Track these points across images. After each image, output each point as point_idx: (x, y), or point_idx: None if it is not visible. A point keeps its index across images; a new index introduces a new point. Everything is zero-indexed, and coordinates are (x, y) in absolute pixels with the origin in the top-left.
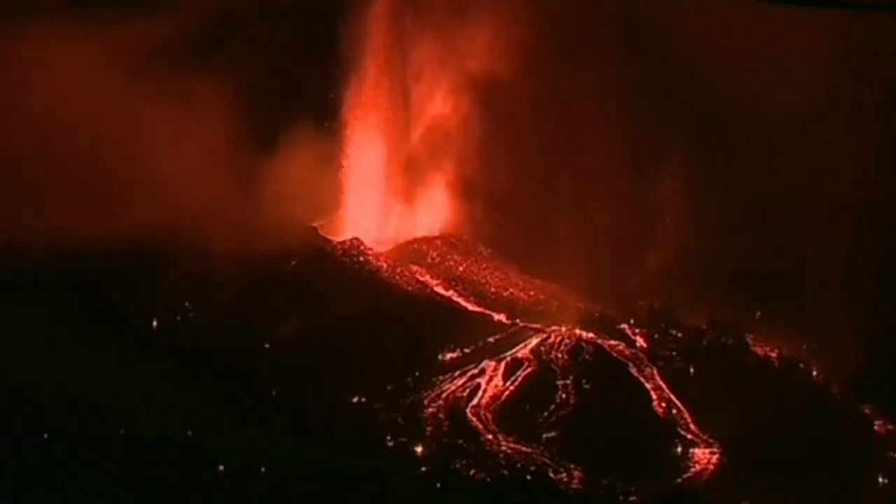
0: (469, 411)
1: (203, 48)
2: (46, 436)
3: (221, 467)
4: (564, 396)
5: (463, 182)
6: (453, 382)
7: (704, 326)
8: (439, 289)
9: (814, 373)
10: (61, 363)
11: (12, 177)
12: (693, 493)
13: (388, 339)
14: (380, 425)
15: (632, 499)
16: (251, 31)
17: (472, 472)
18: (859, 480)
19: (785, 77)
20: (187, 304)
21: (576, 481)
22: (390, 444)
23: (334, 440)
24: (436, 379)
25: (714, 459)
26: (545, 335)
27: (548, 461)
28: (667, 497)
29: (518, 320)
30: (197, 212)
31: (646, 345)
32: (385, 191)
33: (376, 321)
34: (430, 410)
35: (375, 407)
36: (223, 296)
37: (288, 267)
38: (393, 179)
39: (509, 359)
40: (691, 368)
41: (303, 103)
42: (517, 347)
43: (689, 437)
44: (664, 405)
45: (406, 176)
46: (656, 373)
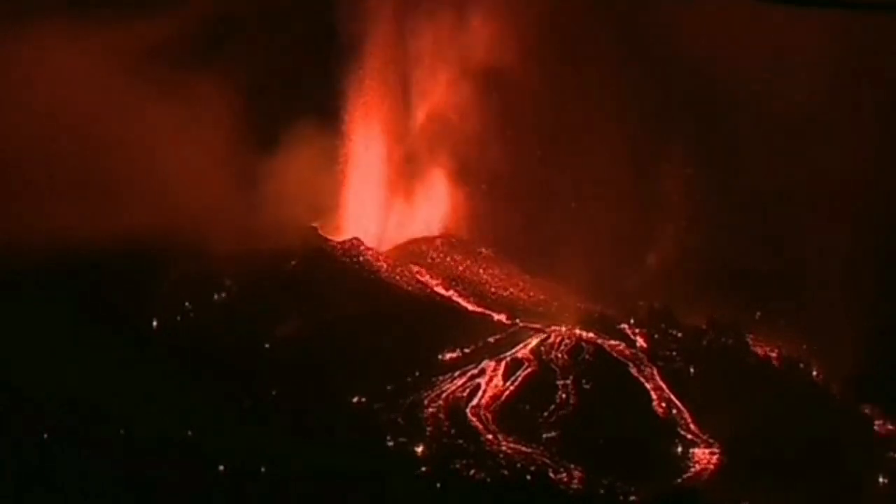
0: (469, 411)
1: (203, 48)
2: (46, 436)
3: (221, 467)
4: (564, 396)
5: (463, 182)
6: (453, 382)
7: (704, 326)
8: (439, 289)
9: (814, 373)
10: (61, 363)
11: (12, 177)
12: (693, 493)
13: (388, 339)
14: (380, 425)
15: (632, 499)
16: (251, 31)
17: (472, 472)
18: (859, 480)
19: (785, 77)
20: (187, 304)
21: (576, 481)
22: (390, 444)
23: (334, 440)
24: (436, 379)
25: (714, 459)
26: (545, 335)
27: (548, 461)
28: (667, 497)
29: (518, 320)
30: (197, 212)
31: (646, 345)
32: (385, 190)
33: (376, 321)
34: (430, 410)
35: (375, 407)
36: (223, 296)
37: (288, 267)
38: (393, 178)
39: (509, 359)
40: (691, 368)
41: (303, 103)
42: (517, 347)
43: (689, 437)
44: (664, 405)
45: (406, 173)
46: (656, 373)
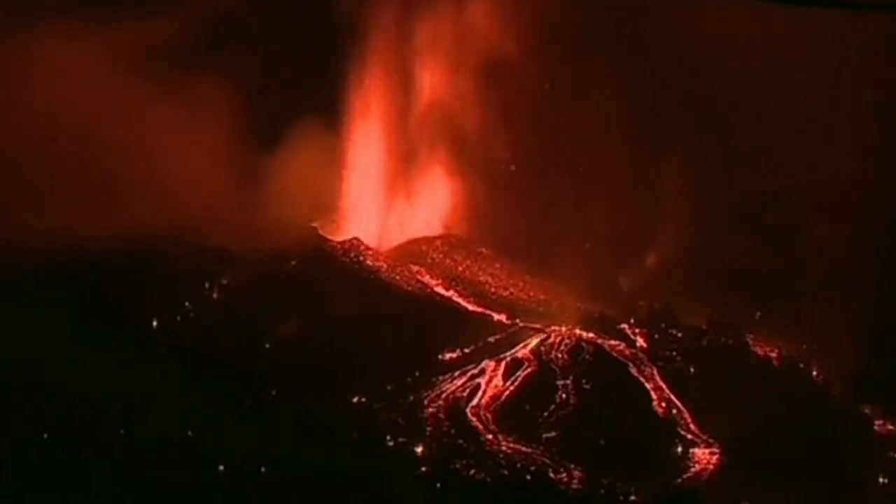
0: (469, 411)
1: (203, 48)
2: (46, 436)
3: (221, 467)
4: (564, 396)
5: (463, 182)
6: (453, 382)
7: (704, 326)
8: (439, 289)
9: (814, 373)
10: (61, 363)
11: (13, 177)
12: (693, 493)
13: (388, 339)
14: (380, 425)
15: (632, 499)
16: (251, 31)
17: (472, 472)
18: (859, 480)
19: (785, 77)
20: (187, 304)
21: (576, 481)
22: (390, 444)
23: (334, 440)
24: (436, 379)
25: (714, 459)
26: (545, 335)
27: (548, 461)
28: (667, 497)
29: (518, 320)
30: (197, 211)
31: (646, 345)
32: (385, 190)
33: (376, 321)
34: (430, 410)
35: (375, 407)
36: (223, 296)
37: (288, 267)
38: (393, 178)
39: (509, 359)
40: (691, 368)
41: (303, 102)
42: (517, 347)
43: (689, 437)
44: (664, 405)
45: (406, 173)
46: (656, 373)
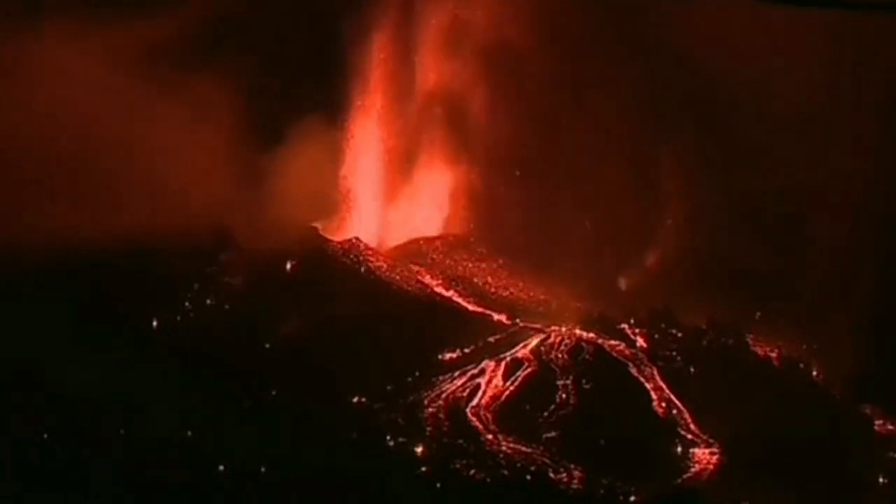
0: (469, 411)
1: (203, 48)
2: (46, 436)
3: (221, 467)
4: (564, 396)
5: (463, 182)
6: (453, 382)
7: (704, 326)
8: (439, 289)
9: (814, 373)
10: (61, 363)
11: (13, 177)
12: (693, 493)
13: (388, 339)
14: (380, 425)
15: (632, 499)
16: (252, 30)
17: (472, 472)
18: (859, 480)
19: (785, 77)
20: (187, 304)
21: (576, 481)
22: (390, 444)
23: (334, 440)
24: (436, 379)
25: (714, 459)
26: (545, 335)
27: (548, 461)
28: (667, 497)
29: (518, 320)
30: (198, 211)
31: (646, 345)
32: (386, 190)
33: (376, 321)
34: (430, 410)
35: (375, 407)
36: (224, 296)
37: (288, 267)
38: (393, 178)
39: (509, 359)
40: (691, 368)
41: (304, 102)
42: (517, 347)
43: (689, 437)
44: (664, 405)
45: (406, 174)
46: (656, 373)
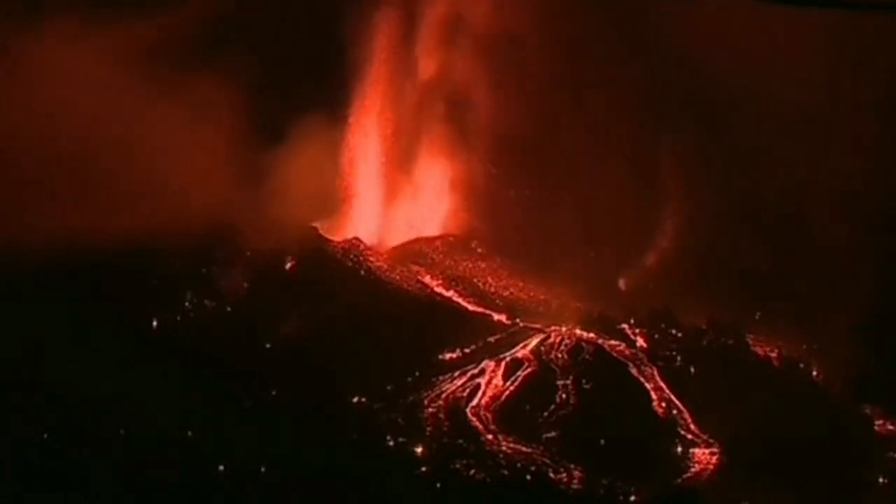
0: (469, 411)
1: (204, 48)
2: (46, 436)
3: (221, 467)
4: (564, 396)
5: (463, 182)
6: (453, 382)
7: (704, 326)
8: (439, 289)
9: (814, 373)
10: (61, 363)
11: (13, 177)
12: (693, 493)
13: (388, 339)
14: (380, 425)
15: (632, 499)
16: (253, 30)
17: (472, 472)
18: (859, 480)
19: (785, 77)
20: (187, 304)
21: (576, 481)
22: (390, 444)
23: (334, 440)
24: (436, 379)
25: (714, 459)
26: (545, 335)
27: (548, 461)
28: (667, 497)
29: (518, 320)
30: (197, 211)
31: (646, 345)
32: (386, 190)
33: (376, 321)
34: (430, 410)
35: (375, 407)
36: (223, 296)
37: (288, 267)
38: (393, 178)
39: (509, 359)
40: (691, 368)
41: (304, 102)
42: (517, 347)
43: (689, 437)
44: (664, 405)
45: (406, 174)
46: (656, 373)
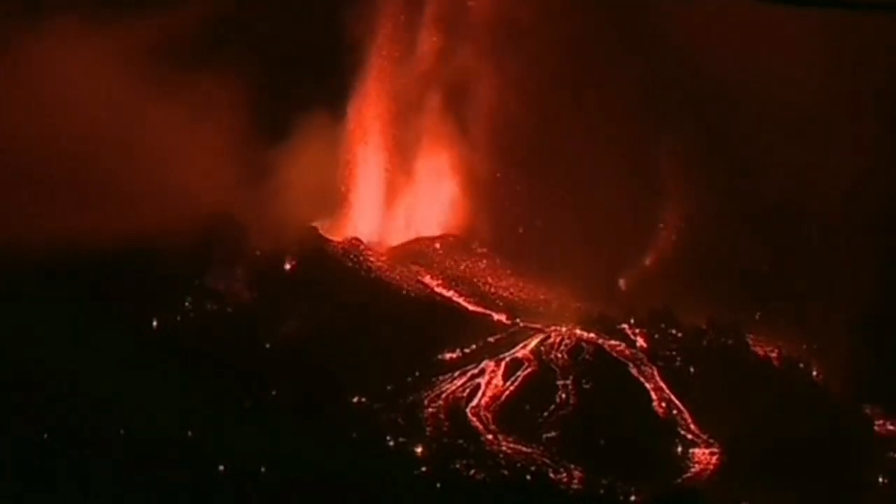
0: (469, 411)
1: (205, 47)
2: (46, 436)
3: (221, 467)
4: (564, 396)
5: (463, 182)
6: (453, 382)
7: (704, 326)
8: (439, 289)
9: (814, 373)
10: (61, 363)
11: (14, 176)
12: (693, 493)
13: (388, 339)
14: (380, 425)
15: (632, 499)
16: (255, 30)
17: (472, 472)
18: (859, 480)
19: (785, 77)
20: (187, 304)
21: (576, 481)
22: (390, 444)
23: (334, 440)
24: (436, 379)
25: (714, 459)
26: (545, 335)
27: (548, 461)
28: (667, 497)
29: (518, 320)
30: (198, 211)
31: (646, 345)
32: (387, 190)
33: (376, 321)
34: (430, 410)
35: (375, 407)
36: (223, 296)
37: (288, 267)
38: (394, 178)
39: (509, 359)
40: (691, 368)
41: (306, 103)
42: (517, 347)
43: (689, 437)
44: (664, 405)
45: (406, 174)
46: (656, 373)
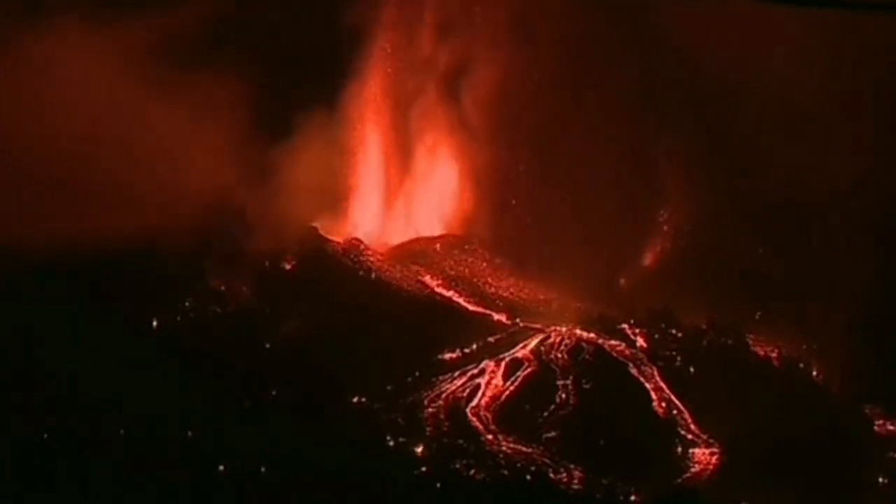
0: (469, 411)
1: (206, 47)
2: (46, 436)
3: (221, 467)
4: (564, 396)
5: (463, 182)
6: (453, 382)
7: (704, 326)
8: (439, 289)
9: (814, 373)
10: (61, 363)
11: (15, 176)
12: (693, 493)
13: (388, 339)
14: (380, 425)
15: (632, 499)
16: (256, 31)
17: (472, 472)
18: (859, 480)
19: (785, 77)
20: (187, 304)
21: (576, 481)
22: (390, 444)
23: (334, 440)
24: (436, 379)
25: (714, 459)
26: (545, 335)
27: (548, 461)
28: (667, 497)
29: (518, 320)
30: (198, 211)
31: (646, 345)
32: (387, 190)
33: (376, 321)
34: (430, 410)
35: (375, 407)
36: (224, 296)
37: (288, 267)
38: (394, 178)
39: (509, 359)
40: (691, 368)
41: (306, 103)
42: (517, 347)
43: (689, 437)
44: (664, 405)
45: (406, 174)
46: (656, 373)
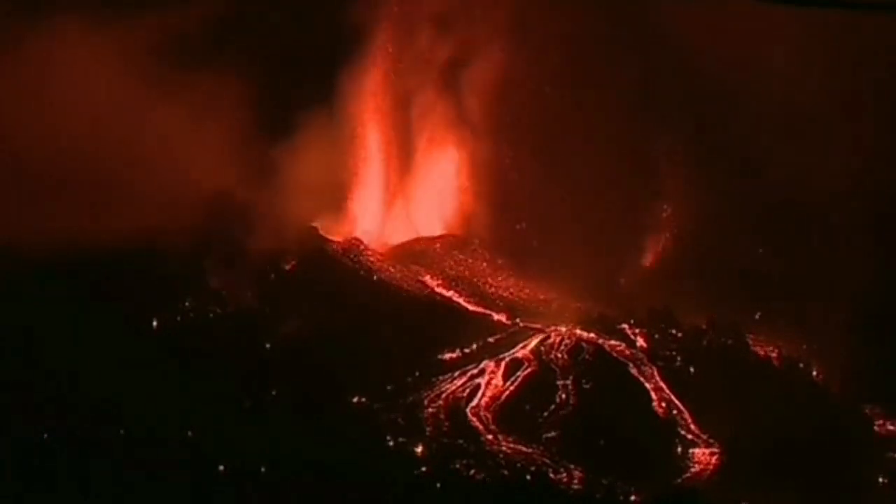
0: (469, 411)
1: (206, 47)
2: (46, 436)
3: (221, 467)
4: (564, 396)
5: (463, 182)
6: (453, 382)
7: (704, 326)
8: (439, 289)
9: (814, 373)
10: (61, 363)
11: (15, 176)
12: (693, 493)
13: (388, 339)
14: (380, 425)
15: (632, 499)
16: (256, 31)
17: (472, 472)
18: (859, 480)
19: (785, 77)
20: (187, 304)
21: (576, 481)
22: (390, 444)
23: (334, 440)
24: (436, 379)
25: (714, 459)
26: (545, 335)
27: (548, 461)
28: (667, 497)
29: (518, 320)
30: (198, 211)
31: (646, 345)
32: (387, 190)
33: (376, 321)
34: (430, 410)
35: (375, 407)
36: (223, 295)
37: (288, 267)
38: (394, 179)
39: (509, 359)
40: (691, 368)
41: (307, 103)
42: (517, 347)
43: (689, 437)
44: (664, 405)
45: (406, 174)
46: (656, 373)
